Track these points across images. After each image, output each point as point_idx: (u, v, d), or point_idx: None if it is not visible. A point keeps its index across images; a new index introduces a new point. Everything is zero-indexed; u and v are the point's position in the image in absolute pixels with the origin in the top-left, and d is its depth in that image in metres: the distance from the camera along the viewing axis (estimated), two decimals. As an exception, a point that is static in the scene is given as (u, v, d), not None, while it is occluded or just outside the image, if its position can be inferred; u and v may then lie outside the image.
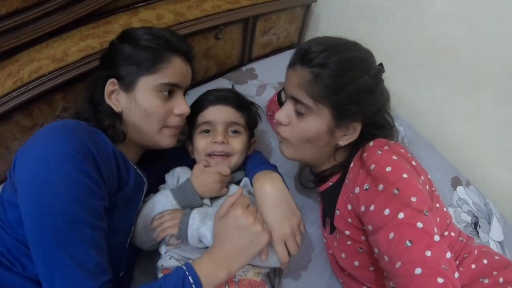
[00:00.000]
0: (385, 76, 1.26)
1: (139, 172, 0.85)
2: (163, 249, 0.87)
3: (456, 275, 0.66)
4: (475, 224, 1.19)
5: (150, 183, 0.90)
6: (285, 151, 0.91)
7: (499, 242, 1.17)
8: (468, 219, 1.19)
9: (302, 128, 0.83)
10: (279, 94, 1.15)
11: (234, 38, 1.37)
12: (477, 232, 1.17)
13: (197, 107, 0.95)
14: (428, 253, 0.65)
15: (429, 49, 1.31)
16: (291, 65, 0.85)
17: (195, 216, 0.81)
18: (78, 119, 0.85)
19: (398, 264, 0.66)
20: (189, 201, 0.86)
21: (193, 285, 0.68)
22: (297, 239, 0.81)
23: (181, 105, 0.86)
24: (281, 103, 1.16)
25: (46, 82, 0.94)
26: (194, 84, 1.08)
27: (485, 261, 0.84)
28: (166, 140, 0.87)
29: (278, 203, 0.82)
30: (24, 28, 0.97)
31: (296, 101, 0.82)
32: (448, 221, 0.87)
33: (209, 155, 0.93)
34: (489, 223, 1.21)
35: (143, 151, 0.93)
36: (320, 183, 0.94)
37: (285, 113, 0.85)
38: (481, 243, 1.13)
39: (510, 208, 1.30)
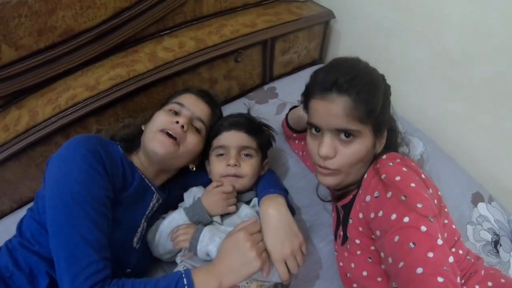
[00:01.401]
0: (405, 90, 1.27)
1: (147, 181, 0.96)
2: (178, 259, 0.97)
3: (458, 279, 0.68)
4: (496, 243, 1.16)
5: (173, 201, 1.03)
6: (333, 181, 0.90)
7: (521, 262, 1.14)
8: (488, 237, 1.16)
9: (354, 151, 0.85)
10: (287, 118, 1.22)
11: (254, 60, 1.43)
12: (497, 251, 1.14)
13: (213, 132, 1.04)
14: (431, 254, 0.68)
15: (447, 62, 1.30)
16: (322, 97, 0.84)
17: (206, 233, 0.90)
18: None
19: (401, 264, 0.70)
20: (198, 218, 0.95)
21: (186, 287, 0.76)
22: (298, 259, 0.87)
23: (181, 117, 0.97)
24: (289, 127, 1.22)
25: (81, 109, 1.07)
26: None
27: (490, 284, 0.84)
28: (156, 144, 0.92)
29: (281, 226, 0.88)
30: (61, 59, 1.11)
31: (339, 131, 0.84)
32: (456, 238, 0.88)
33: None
34: (512, 241, 1.18)
35: (157, 170, 1.00)
36: (343, 197, 0.97)
37: (329, 146, 0.85)
38: (501, 262, 1.11)
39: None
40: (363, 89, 0.81)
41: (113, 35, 1.17)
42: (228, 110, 1.26)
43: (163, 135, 0.93)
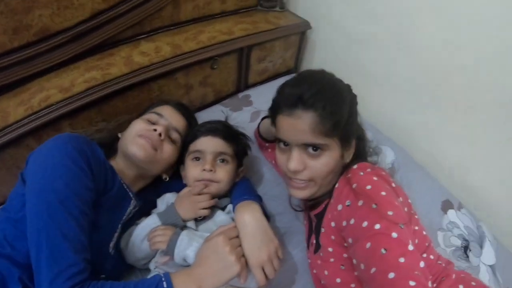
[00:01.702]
0: (377, 99, 1.27)
1: (125, 187, 0.95)
2: (152, 265, 0.95)
3: (430, 284, 0.69)
4: (465, 248, 1.19)
5: (147, 208, 1.02)
6: (305, 195, 0.91)
7: (490, 266, 1.16)
8: (458, 242, 1.19)
9: (322, 164, 0.86)
10: (259, 129, 1.23)
11: (230, 67, 1.44)
12: (467, 256, 1.17)
13: (190, 136, 1.04)
14: (402, 260, 0.69)
15: (421, 74, 1.34)
16: (288, 114, 0.84)
17: (183, 237, 0.89)
18: None
19: (373, 269, 0.71)
20: (171, 222, 0.94)
21: None
22: (274, 264, 0.87)
23: (159, 126, 0.98)
24: (262, 137, 1.23)
25: (54, 111, 1.04)
26: (193, 110, 1.18)
27: (461, 287, 0.87)
28: (135, 147, 0.93)
29: (257, 231, 0.88)
30: (35, 59, 1.09)
31: (306, 145, 0.85)
32: (427, 244, 0.91)
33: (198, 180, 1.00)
34: (481, 246, 1.21)
35: (135, 176, 1.00)
36: (315, 206, 0.98)
37: (298, 160, 0.86)
38: (471, 267, 1.14)
39: (505, 230, 1.29)
40: (329, 103, 0.82)
41: (90, 37, 1.16)
42: (203, 116, 1.27)
43: (142, 139, 0.94)
